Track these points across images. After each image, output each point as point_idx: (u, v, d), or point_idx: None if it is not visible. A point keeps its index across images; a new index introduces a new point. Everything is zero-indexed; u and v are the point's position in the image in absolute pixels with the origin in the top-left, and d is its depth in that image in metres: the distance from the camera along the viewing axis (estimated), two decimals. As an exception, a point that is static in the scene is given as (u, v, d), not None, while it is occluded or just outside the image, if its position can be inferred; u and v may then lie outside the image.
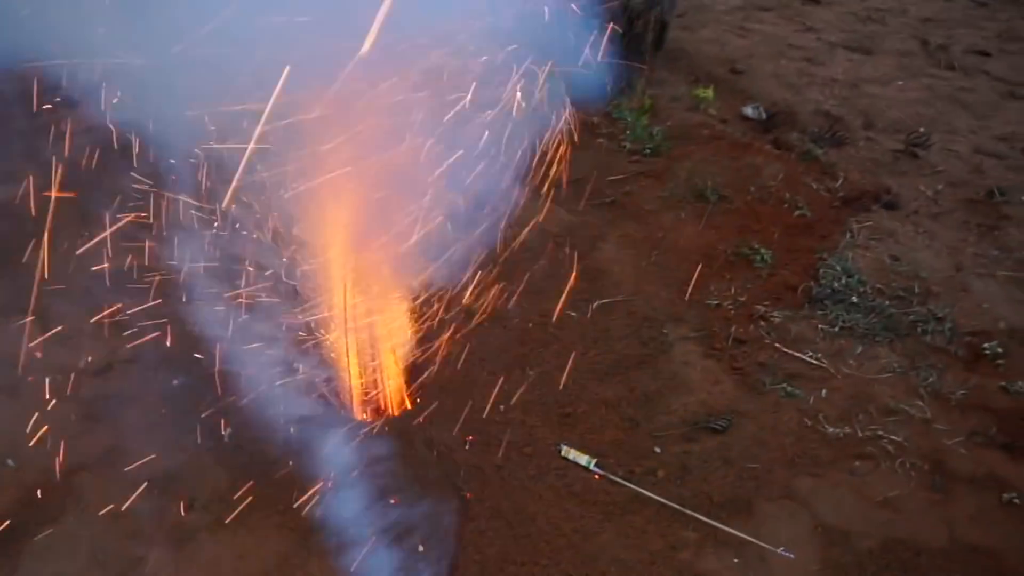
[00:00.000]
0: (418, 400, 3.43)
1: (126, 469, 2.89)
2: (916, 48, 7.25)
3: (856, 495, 3.21)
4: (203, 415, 3.13)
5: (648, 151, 5.29)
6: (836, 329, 4.01)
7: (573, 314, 3.98)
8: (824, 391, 3.66)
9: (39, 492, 2.85)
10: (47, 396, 3.14)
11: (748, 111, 5.94)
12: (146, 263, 3.43)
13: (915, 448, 3.40)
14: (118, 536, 2.72)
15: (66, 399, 3.21)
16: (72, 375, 3.27)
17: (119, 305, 3.31)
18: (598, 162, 5.20)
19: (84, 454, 2.98)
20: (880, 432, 3.46)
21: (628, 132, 5.48)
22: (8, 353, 3.17)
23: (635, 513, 3.05)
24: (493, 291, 4.03)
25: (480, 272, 4.03)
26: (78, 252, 3.13)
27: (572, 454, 3.25)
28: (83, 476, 2.91)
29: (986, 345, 3.92)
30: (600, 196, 4.90)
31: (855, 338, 3.98)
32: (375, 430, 3.28)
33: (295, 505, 2.90)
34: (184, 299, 3.44)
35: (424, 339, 3.71)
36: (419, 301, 3.82)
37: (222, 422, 3.12)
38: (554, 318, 3.88)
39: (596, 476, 3.18)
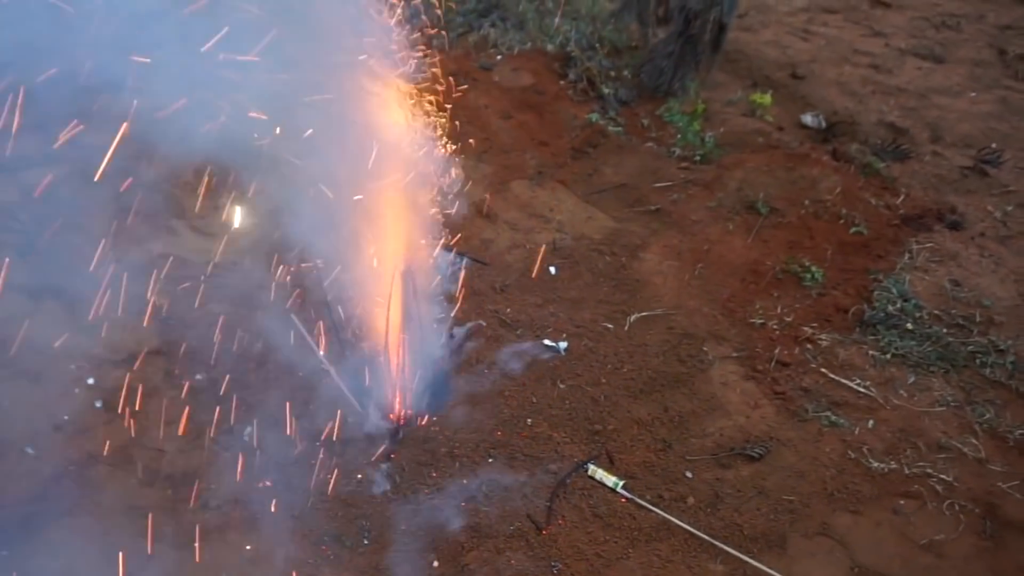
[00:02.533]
0: (446, 409, 3.36)
1: (143, 464, 2.89)
2: (992, 57, 6.87)
3: (898, 536, 3.03)
4: (224, 412, 3.11)
5: (698, 158, 5.12)
6: (888, 356, 3.80)
7: (610, 326, 3.86)
8: (871, 422, 3.47)
9: (55, 483, 2.85)
10: (70, 384, 3.16)
11: (807, 119, 5.70)
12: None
13: (966, 489, 3.19)
14: (131, 533, 2.71)
15: (89, 388, 3.22)
16: (97, 364, 3.28)
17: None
18: (645, 167, 5.05)
19: (103, 446, 2.98)
20: (929, 470, 3.27)
21: (678, 137, 5.32)
22: (33, 338, 3.20)
23: (661, 541, 2.93)
24: (528, 299, 3.96)
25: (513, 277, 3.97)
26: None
27: (599, 474, 3.14)
28: (100, 469, 2.91)
29: (1050, 383, 3.67)
30: (645, 203, 4.75)
31: (907, 367, 3.77)
32: (400, 436, 3.23)
33: (310, 510, 2.86)
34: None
35: (454, 345, 3.66)
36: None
37: (250, 419, 3.11)
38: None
39: (623, 499, 3.07)
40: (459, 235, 4.32)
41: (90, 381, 3.28)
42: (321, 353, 3.24)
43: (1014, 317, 4.08)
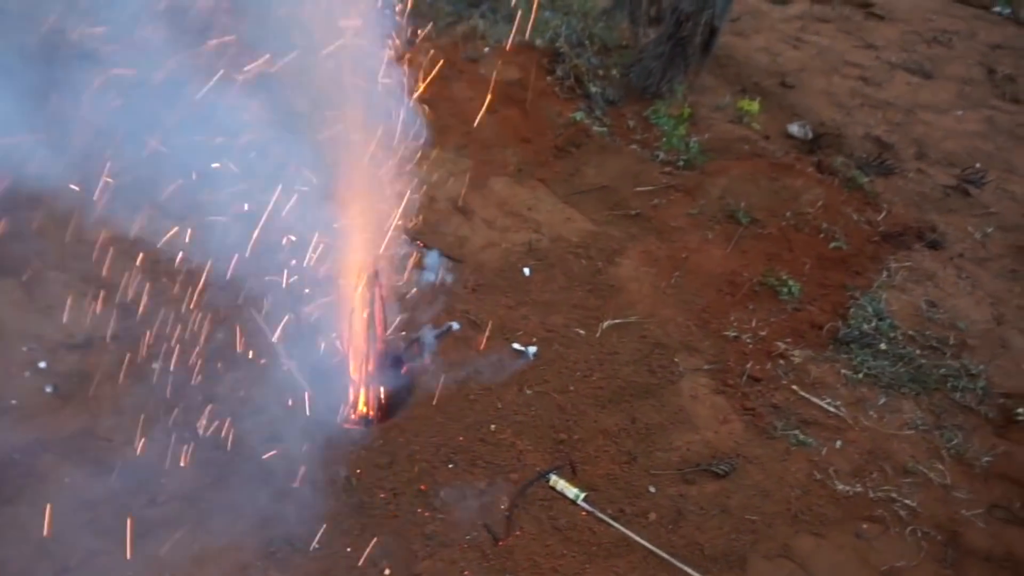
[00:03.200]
0: (407, 410, 3.28)
1: (92, 455, 2.79)
2: (981, 76, 6.86)
3: (859, 561, 2.99)
4: (181, 404, 3.01)
5: (682, 163, 5.05)
6: (860, 376, 3.77)
7: (581, 332, 3.79)
8: (839, 442, 3.44)
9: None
10: (20, 368, 3.05)
11: (794, 129, 5.65)
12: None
13: (929, 515, 3.17)
14: (74, 525, 2.61)
15: (40, 373, 3.11)
16: (50, 348, 3.17)
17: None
18: (627, 170, 4.97)
19: (51, 433, 2.87)
20: (894, 494, 3.24)
21: (663, 140, 5.24)
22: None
23: (620, 557, 2.87)
24: (499, 299, 3.88)
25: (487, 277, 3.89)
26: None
27: (561, 485, 3.07)
28: (46, 457, 2.80)
29: (1020, 410, 3.65)
30: (626, 207, 4.68)
31: (879, 387, 3.73)
32: (359, 438, 3.14)
33: (260, 510, 2.77)
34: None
35: (421, 343, 3.57)
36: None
37: (205, 413, 3.00)
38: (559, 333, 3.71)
39: (583, 512, 3.00)
40: (434, 231, 4.23)
41: (41, 365, 3.17)
42: (281, 349, 3.14)
43: (987, 341, 4.07)
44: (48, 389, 3.10)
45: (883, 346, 3.91)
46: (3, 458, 2.79)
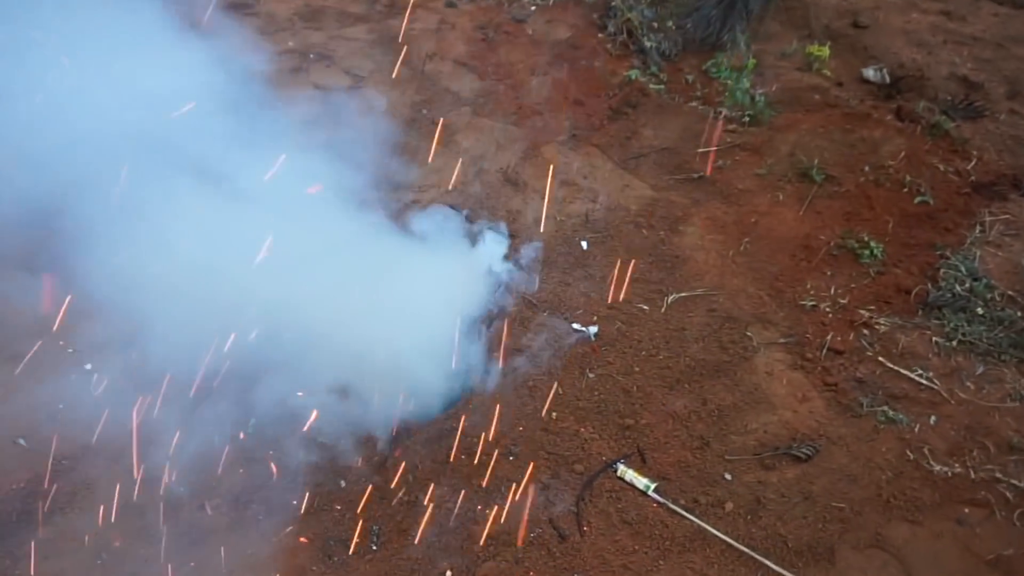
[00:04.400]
0: (462, 402, 3.13)
1: (143, 461, 2.73)
2: (1079, 1, 6.20)
3: (961, 550, 2.74)
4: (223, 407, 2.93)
5: (747, 119, 4.70)
6: (953, 343, 3.44)
7: (645, 307, 3.56)
8: (933, 418, 3.15)
9: (48, 479, 2.71)
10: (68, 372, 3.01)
11: (869, 73, 5.20)
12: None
13: (1040, 497, 2.88)
14: (127, 533, 2.56)
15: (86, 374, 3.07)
16: (101, 350, 3.12)
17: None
18: (688, 129, 4.65)
19: (102, 439, 2.82)
20: (998, 474, 2.95)
21: (726, 95, 4.89)
22: (33, 322, 3.04)
23: (695, 552, 2.69)
24: (556, 275, 3.68)
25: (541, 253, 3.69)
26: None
27: (629, 475, 2.89)
28: (98, 464, 2.75)
29: None
30: (688, 170, 4.38)
31: (976, 356, 3.41)
32: (410, 429, 3.02)
33: (316, 513, 2.68)
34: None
35: (474, 327, 3.42)
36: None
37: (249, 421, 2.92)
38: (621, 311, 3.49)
39: (654, 504, 2.82)
40: (483, 205, 4.04)
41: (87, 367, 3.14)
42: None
43: (1099, 299, 3.67)
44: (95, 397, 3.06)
45: (979, 309, 3.57)
46: (55, 466, 2.76)
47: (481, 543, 2.66)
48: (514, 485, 2.84)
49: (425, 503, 2.78)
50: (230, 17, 5.38)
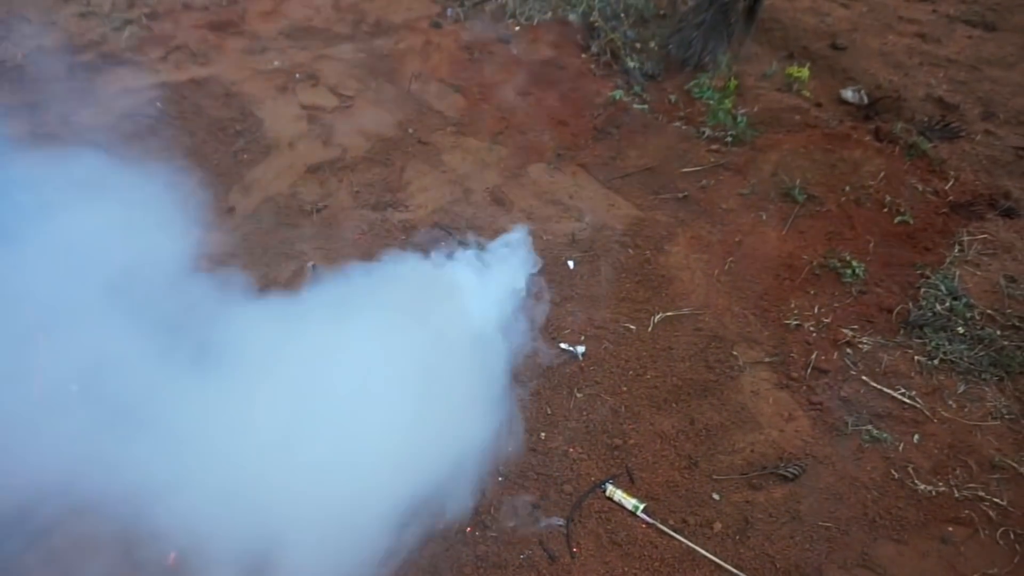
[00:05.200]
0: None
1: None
2: (1050, 25, 6.37)
3: (947, 569, 2.76)
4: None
5: (730, 139, 4.76)
6: (935, 362, 3.49)
7: (632, 327, 3.58)
8: (917, 437, 3.18)
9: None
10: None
11: (848, 94, 5.29)
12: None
13: (1022, 515, 2.91)
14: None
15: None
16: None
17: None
18: (672, 149, 4.71)
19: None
20: (981, 492, 2.98)
21: (709, 115, 4.95)
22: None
23: (685, 573, 2.69)
24: (543, 295, 3.69)
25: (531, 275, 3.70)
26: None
27: (618, 495, 2.89)
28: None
29: (1118, 394, 3.35)
30: (672, 189, 4.42)
31: (957, 374, 3.45)
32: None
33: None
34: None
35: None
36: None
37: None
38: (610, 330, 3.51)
39: (643, 524, 2.82)
40: (470, 225, 4.05)
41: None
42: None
43: (1076, 318, 3.74)
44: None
45: (960, 328, 3.63)
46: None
47: (471, 566, 2.64)
48: (503, 506, 2.83)
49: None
50: (218, 36, 5.38)
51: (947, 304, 3.74)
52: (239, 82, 4.93)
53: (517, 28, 5.79)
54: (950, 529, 2.88)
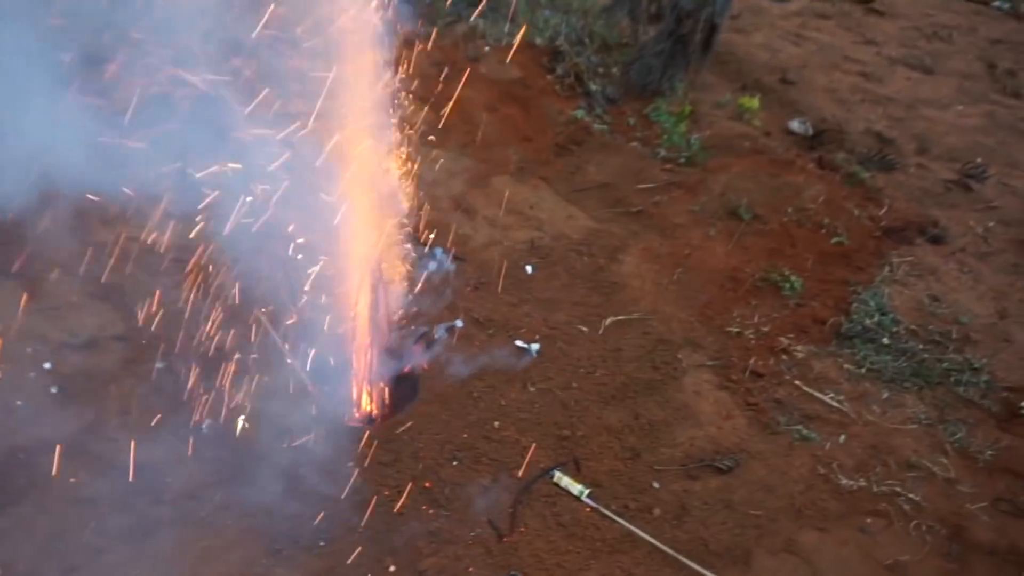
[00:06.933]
0: (412, 409, 3.28)
1: (97, 454, 2.79)
2: (981, 71, 6.86)
3: (863, 556, 2.99)
4: (185, 403, 3.02)
5: (683, 160, 5.05)
6: (862, 371, 3.77)
7: (584, 329, 3.79)
8: (842, 437, 3.44)
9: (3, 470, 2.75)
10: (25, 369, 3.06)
11: (794, 125, 5.65)
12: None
13: (933, 509, 3.17)
14: (78, 525, 2.61)
15: (44, 373, 3.11)
16: (54, 347, 3.17)
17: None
18: (629, 167, 4.98)
19: (55, 433, 2.87)
20: (897, 488, 3.24)
21: (664, 138, 5.25)
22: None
23: (624, 553, 2.88)
24: (501, 297, 3.88)
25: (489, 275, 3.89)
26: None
27: (564, 481, 3.08)
28: (50, 457, 2.80)
29: (1023, 404, 3.65)
30: (627, 204, 4.69)
31: (882, 382, 3.74)
32: (363, 436, 3.14)
33: (265, 509, 2.78)
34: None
35: (424, 343, 3.58)
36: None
37: (208, 412, 3.01)
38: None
39: (587, 508, 3.01)
40: (436, 229, 4.23)
41: (47, 366, 3.18)
42: (286, 348, 3.15)
43: (990, 335, 4.07)
44: (53, 390, 3.11)
45: (886, 340, 3.92)
46: (8, 459, 2.79)
47: (424, 540, 2.80)
48: (457, 488, 2.99)
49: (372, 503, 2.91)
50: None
51: (876, 319, 4.03)
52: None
53: (487, 49, 6.03)
54: (868, 520, 3.11)
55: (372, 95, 2.94)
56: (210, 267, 3.23)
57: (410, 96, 5.15)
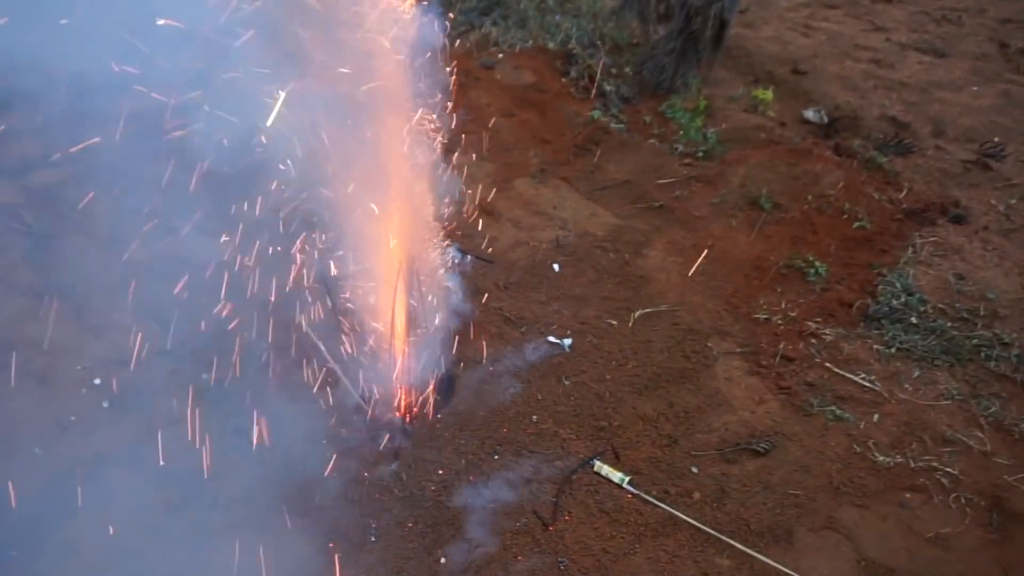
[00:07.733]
0: (452, 406, 3.37)
1: (151, 464, 2.90)
2: (993, 51, 6.87)
3: (904, 530, 3.03)
4: (231, 410, 3.12)
5: (701, 154, 5.12)
6: (892, 350, 3.80)
7: (614, 323, 3.86)
8: (876, 416, 3.48)
9: (62, 483, 2.85)
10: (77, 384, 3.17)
11: (809, 115, 5.70)
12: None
13: (971, 482, 3.20)
14: (137, 533, 2.71)
15: (95, 388, 3.23)
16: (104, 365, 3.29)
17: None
18: (647, 164, 5.05)
19: (109, 446, 2.98)
20: (934, 463, 3.27)
21: (681, 133, 5.32)
22: (39, 339, 3.21)
23: (668, 536, 2.94)
24: (532, 296, 3.96)
25: (517, 274, 3.97)
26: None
27: (605, 470, 3.14)
28: (108, 469, 2.91)
29: (1056, 375, 3.67)
30: (649, 200, 4.75)
31: (912, 361, 3.77)
32: (406, 434, 3.23)
33: (316, 509, 2.87)
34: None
35: (461, 340, 3.66)
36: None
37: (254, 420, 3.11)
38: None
39: (629, 495, 3.07)
40: (463, 234, 4.33)
41: (96, 382, 3.30)
42: (325, 351, 3.25)
43: (1018, 310, 4.08)
44: (105, 404, 3.23)
45: (914, 320, 3.95)
46: (68, 472, 2.90)
47: (472, 532, 2.87)
48: (500, 481, 3.07)
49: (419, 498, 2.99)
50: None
51: (902, 299, 4.06)
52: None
53: (500, 55, 6.14)
54: (907, 495, 3.15)
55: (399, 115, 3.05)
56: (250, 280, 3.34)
57: (429, 107, 5.29)
